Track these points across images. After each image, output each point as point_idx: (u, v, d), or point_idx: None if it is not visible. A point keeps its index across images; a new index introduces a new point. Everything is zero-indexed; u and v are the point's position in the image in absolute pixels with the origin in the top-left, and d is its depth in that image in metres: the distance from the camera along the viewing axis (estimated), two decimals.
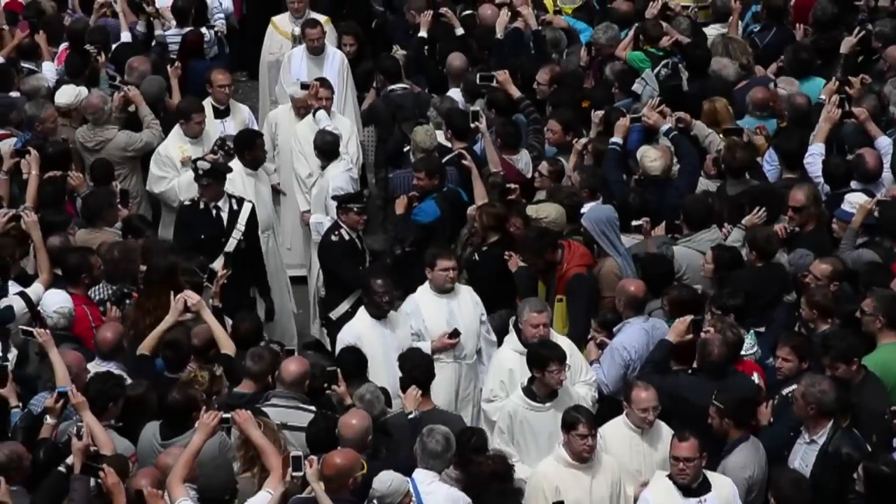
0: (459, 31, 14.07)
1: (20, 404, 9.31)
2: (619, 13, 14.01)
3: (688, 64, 12.99)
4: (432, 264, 10.75)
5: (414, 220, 11.87)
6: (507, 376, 9.97)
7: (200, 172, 11.53)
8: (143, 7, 14.25)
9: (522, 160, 12.37)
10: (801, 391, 8.96)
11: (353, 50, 14.09)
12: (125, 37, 14.03)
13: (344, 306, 11.50)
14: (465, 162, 11.96)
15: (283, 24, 14.54)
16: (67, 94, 12.65)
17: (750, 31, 14.03)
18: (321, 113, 12.79)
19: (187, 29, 14.21)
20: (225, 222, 11.64)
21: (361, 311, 10.75)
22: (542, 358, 9.48)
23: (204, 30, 14.32)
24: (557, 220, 11.16)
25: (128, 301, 10.50)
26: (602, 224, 10.99)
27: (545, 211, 11.20)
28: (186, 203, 11.85)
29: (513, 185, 11.75)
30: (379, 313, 10.59)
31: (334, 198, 11.80)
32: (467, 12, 14.39)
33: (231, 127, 13.01)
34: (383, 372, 10.26)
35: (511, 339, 10.15)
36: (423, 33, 14.06)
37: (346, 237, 11.54)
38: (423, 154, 12.23)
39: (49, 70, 13.07)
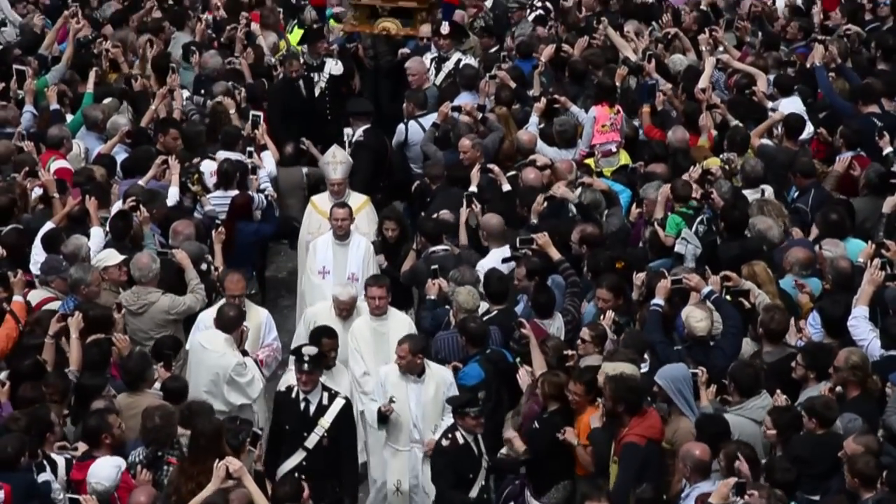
0: (506, 186, 14.21)
1: None
2: (657, 175, 14.12)
3: (726, 224, 13.05)
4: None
5: (459, 383, 11.86)
6: None
7: (306, 359, 11.49)
8: (188, 186, 14.42)
9: (555, 325, 12.38)
10: None
11: (396, 235, 14.03)
12: (172, 200, 14.19)
13: None
14: (523, 331, 11.94)
15: (322, 204, 14.62)
16: (110, 258, 12.79)
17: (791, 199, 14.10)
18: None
19: (235, 192, 14.33)
20: (311, 414, 11.56)
21: None
22: None
23: (253, 192, 14.44)
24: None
25: (165, 467, 10.50)
26: (679, 382, 10.96)
27: (620, 368, 11.06)
28: (282, 390, 11.75)
29: (570, 352, 11.71)
30: None
31: (449, 401, 11.66)
32: (511, 173, 14.53)
33: None
34: None
35: None
36: (473, 188, 14.22)
37: (461, 441, 11.32)
38: (466, 315, 12.27)
39: (97, 235, 13.21)
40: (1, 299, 12.19)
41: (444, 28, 17.03)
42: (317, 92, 16.84)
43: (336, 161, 14.56)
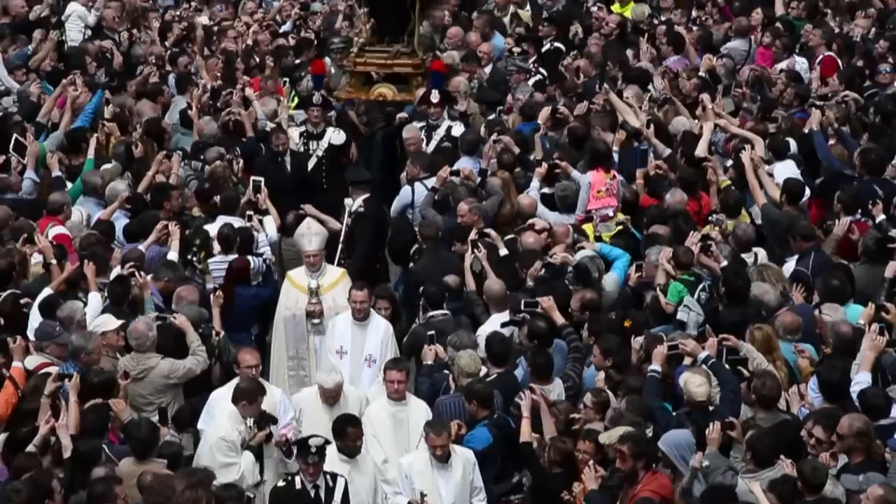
0: (503, 251, 14.21)
1: None
2: (659, 238, 14.12)
3: (727, 290, 13.06)
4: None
5: (467, 446, 11.81)
6: None
7: (313, 450, 11.34)
8: (192, 263, 14.43)
9: (556, 391, 12.34)
10: None
11: (388, 314, 13.93)
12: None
13: None
14: (534, 397, 11.86)
15: (298, 279, 14.29)
16: (108, 323, 12.76)
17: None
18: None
19: (233, 256, 14.33)
20: (323, 500, 11.43)
21: None
22: None
23: (250, 257, 14.41)
24: None
25: None
26: (682, 448, 10.94)
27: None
28: (281, 485, 11.56)
29: (577, 416, 11.72)
30: None
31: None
32: (510, 236, 14.55)
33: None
34: None
35: None
36: (468, 254, 14.15)
37: None
38: (471, 379, 12.24)
39: (95, 301, 13.19)
40: (0, 365, 12.15)
41: (434, 96, 17.05)
42: (313, 161, 16.82)
43: (311, 233, 14.28)
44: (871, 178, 15.16)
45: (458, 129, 16.84)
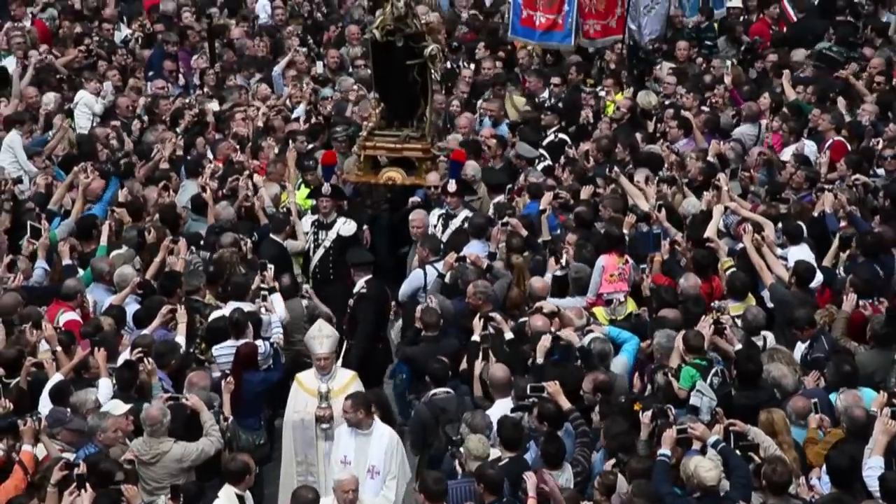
0: (508, 335, 14.20)
1: None
2: (667, 321, 14.13)
3: (739, 374, 13.04)
4: None
5: None
6: None
7: None
8: (200, 360, 14.44)
9: (564, 475, 12.28)
10: None
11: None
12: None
13: None
14: (545, 487, 11.82)
15: (308, 382, 14.02)
16: (117, 409, 12.77)
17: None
18: None
19: (242, 341, 14.32)
20: None
21: None
22: None
23: (259, 342, 14.40)
24: None
25: None
26: None
27: None
28: None
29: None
30: None
31: None
32: (522, 319, 14.56)
33: None
34: None
35: None
36: (475, 337, 14.21)
37: None
38: (481, 462, 12.19)
39: (105, 386, 13.23)
40: (9, 448, 12.15)
41: (452, 186, 17.12)
42: (321, 252, 16.88)
43: (322, 335, 13.97)
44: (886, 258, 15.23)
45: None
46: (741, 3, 23.62)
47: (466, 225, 16.66)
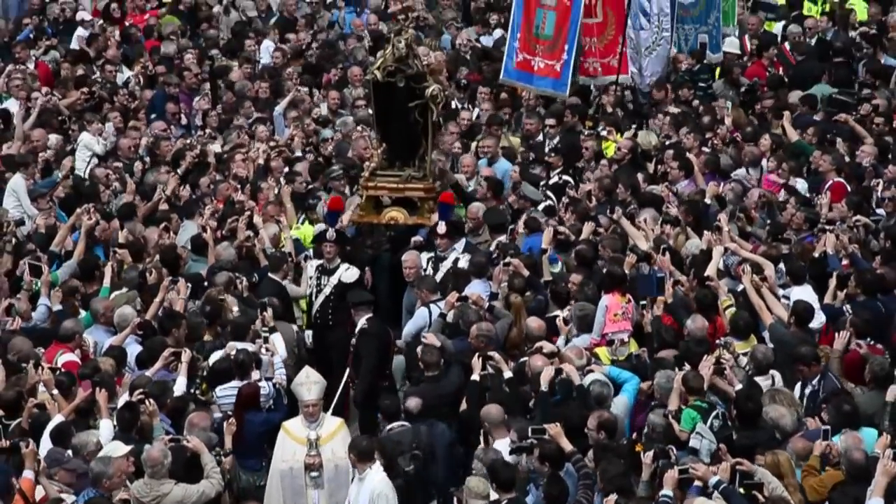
0: (507, 373, 14.19)
1: None
2: (666, 361, 14.13)
3: (738, 414, 13.02)
4: None
5: None
6: None
7: None
8: (199, 399, 14.42)
9: None
10: None
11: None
12: (180, 390, 14.20)
13: None
14: None
15: (295, 430, 13.81)
16: (117, 450, 12.74)
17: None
18: None
19: (243, 382, 14.30)
20: None
21: None
22: None
23: (262, 382, 14.38)
24: None
25: None
26: None
27: None
28: None
29: None
30: None
31: None
32: (523, 359, 14.55)
33: None
34: None
35: None
36: (475, 377, 14.22)
37: None
38: (480, 502, 12.18)
39: (107, 428, 13.23)
40: (11, 473, 12.18)
41: (441, 227, 17.12)
42: (322, 297, 16.83)
43: (310, 381, 13.88)
44: (887, 298, 15.24)
45: (465, 262, 16.81)
46: (738, 48, 23.67)
47: (468, 264, 16.64)
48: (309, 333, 16.58)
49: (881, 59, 23.26)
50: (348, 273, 16.86)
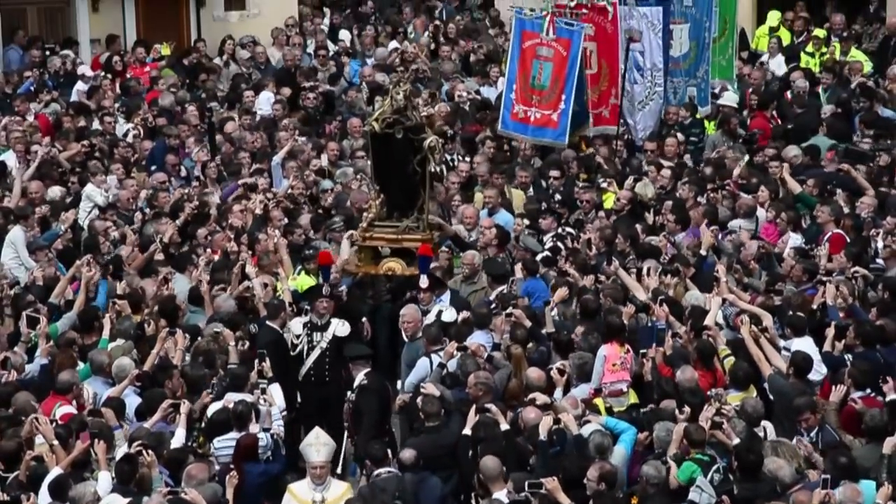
0: (504, 426, 14.17)
1: None
2: (664, 412, 14.12)
3: (739, 465, 12.98)
4: None
5: None
6: None
7: None
8: (198, 453, 14.38)
9: None
10: None
11: None
12: (178, 442, 14.16)
13: None
14: None
15: (301, 492, 13.63)
16: (117, 502, 12.73)
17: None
18: None
19: (242, 434, 14.26)
20: None
21: None
22: None
23: (260, 433, 14.36)
24: None
25: None
26: None
27: None
28: None
29: None
30: None
31: None
32: (520, 409, 14.51)
33: None
34: None
35: None
36: (467, 430, 14.18)
37: None
38: None
39: (105, 480, 13.18)
40: None
41: (423, 281, 17.09)
42: (316, 354, 16.67)
43: (319, 443, 13.74)
44: (886, 350, 15.22)
45: (448, 315, 16.68)
46: (735, 102, 23.76)
47: (470, 315, 16.63)
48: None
49: (878, 110, 23.35)
50: (342, 328, 16.67)
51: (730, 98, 23.66)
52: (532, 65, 21.96)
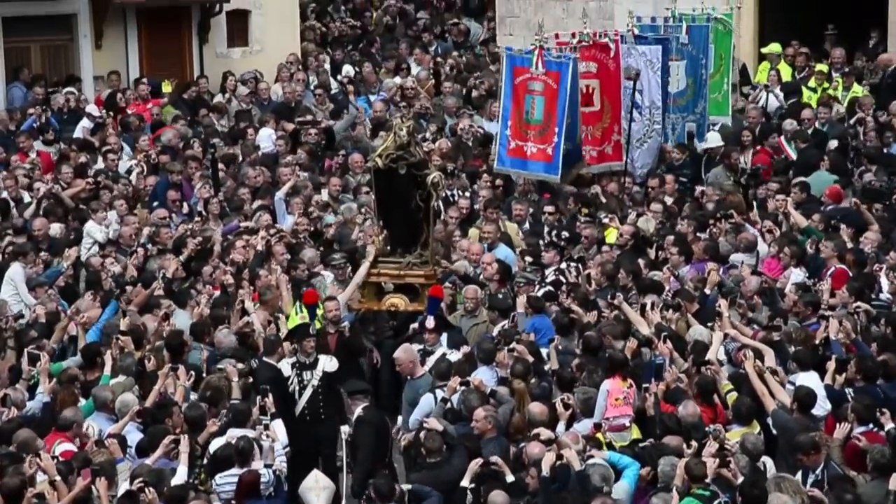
0: (510, 478, 14.09)
1: None
2: (667, 448, 14.07)
3: (743, 502, 12.93)
4: None
5: None
6: None
7: None
8: (198, 488, 14.29)
9: None
10: None
11: None
12: (180, 479, 14.08)
13: None
14: None
15: None
16: None
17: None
18: None
19: (244, 469, 14.23)
20: None
21: None
22: None
23: (262, 469, 14.30)
24: None
25: None
26: None
27: None
28: None
29: None
30: None
31: None
32: (523, 444, 14.48)
33: None
34: None
35: None
36: (465, 483, 14.11)
37: None
38: None
39: None
40: None
41: (430, 322, 17.07)
42: (309, 392, 16.55)
43: (318, 486, 13.77)
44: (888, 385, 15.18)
45: (453, 357, 16.68)
46: (719, 142, 23.74)
47: (472, 350, 16.58)
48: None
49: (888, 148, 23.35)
50: (331, 363, 16.61)
51: (714, 139, 23.66)
52: (525, 100, 22.06)
